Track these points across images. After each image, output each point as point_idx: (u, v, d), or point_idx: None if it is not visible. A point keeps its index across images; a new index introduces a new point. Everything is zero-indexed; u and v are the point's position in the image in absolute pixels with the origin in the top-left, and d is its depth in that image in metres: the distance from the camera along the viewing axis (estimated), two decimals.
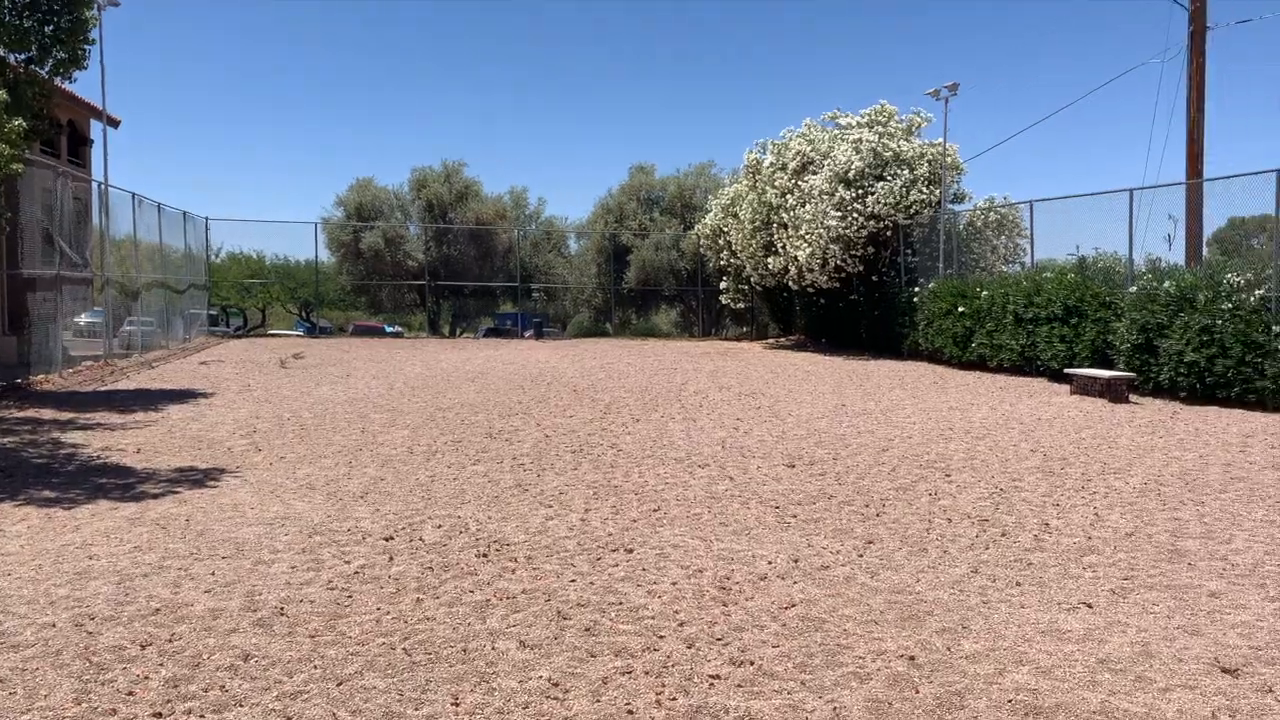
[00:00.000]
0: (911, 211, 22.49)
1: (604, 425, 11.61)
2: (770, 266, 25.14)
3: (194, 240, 27.54)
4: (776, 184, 24.83)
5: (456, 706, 3.85)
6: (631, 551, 6.14)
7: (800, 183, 23.98)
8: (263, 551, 6.05)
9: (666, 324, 38.35)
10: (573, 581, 5.49)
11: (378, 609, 4.98)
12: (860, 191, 22.47)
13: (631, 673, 4.20)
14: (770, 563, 5.93)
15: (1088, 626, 4.83)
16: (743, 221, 25.98)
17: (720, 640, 4.59)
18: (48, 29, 13.76)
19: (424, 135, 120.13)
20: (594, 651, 4.44)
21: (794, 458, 9.55)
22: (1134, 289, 15.54)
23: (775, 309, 30.26)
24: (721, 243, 28.21)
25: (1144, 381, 14.88)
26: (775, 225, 24.88)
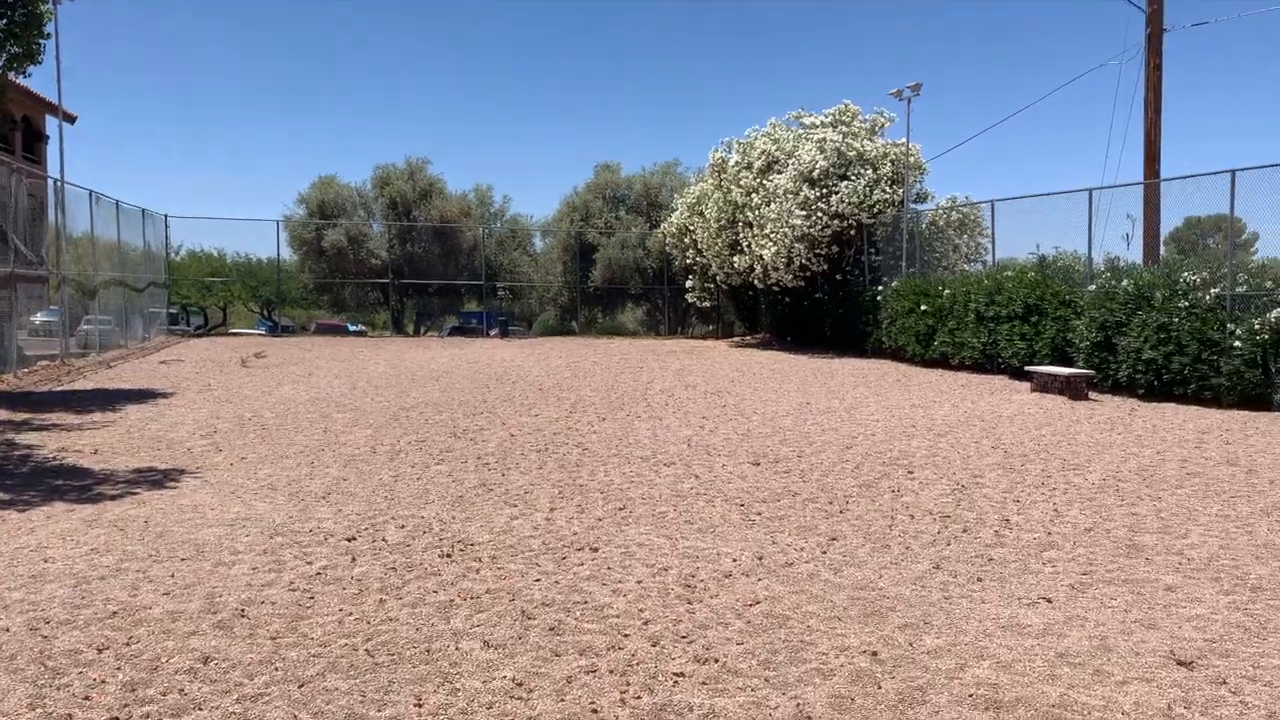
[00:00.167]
0: (875, 211, 22.66)
1: (570, 424, 11.59)
2: (736, 265, 25.23)
3: (153, 238, 27.14)
4: (742, 183, 24.92)
5: (419, 707, 3.83)
6: (597, 550, 6.14)
7: (765, 182, 24.09)
8: (223, 553, 5.97)
9: (633, 322, 38.39)
10: (537, 581, 5.48)
11: (340, 610, 4.94)
12: (824, 191, 22.60)
13: (596, 672, 4.20)
14: (735, 560, 5.95)
15: (1047, 621, 4.90)
16: (708, 220, 26.05)
17: (685, 638, 4.60)
18: (1, 23, 13.50)
19: (387, 132, 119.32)
20: (558, 651, 4.43)
21: (759, 456, 9.59)
22: (1093, 287, 15.77)
23: (741, 307, 30.37)
24: (687, 241, 28.25)
25: (1103, 379, 15.10)
26: (741, 224, 24.97)
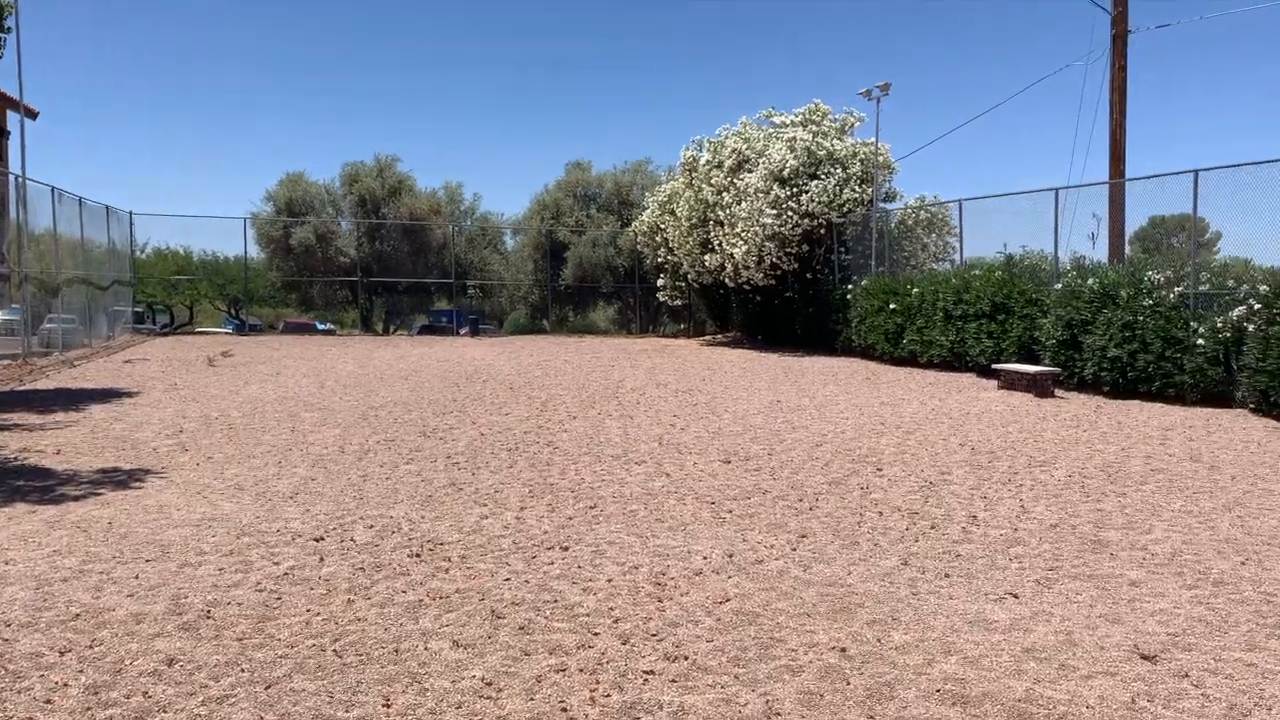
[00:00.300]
0: (845, 210, 22.78)
1: (540, 423, 11.56)
2: (707, 264, 25.27)
3: (118, 235, 26.80)
4: (713, 182, 24.97)
5: (388, 707, 3.81)
6: (567, 549, 6.12)
7: (736, 181, 24.15)
8: (189, 554, 5.91)
9: (604, 321, 38.38)
10: (507, 580, 5.46)
11: (308, 610, 4.90)
12: (795, 190, 22.69)
13: (566, 670, 4.19)
14: (705, 558, 5.96)
15: (1014, 616, 4.94)
16: (680, 219, 26.07)
17: (655, 636, 4.60)
18: None
19: (356, 129, 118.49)
20: (528, 650, 4.42)
21: (729, 454, 9.61)
22: (1059, 286, 15.94)
23: (712, 306, 30.43)
24: (659, 240, 28.27)
25: (1069, 376, 15.27)
26: (712, 223, 25.02)
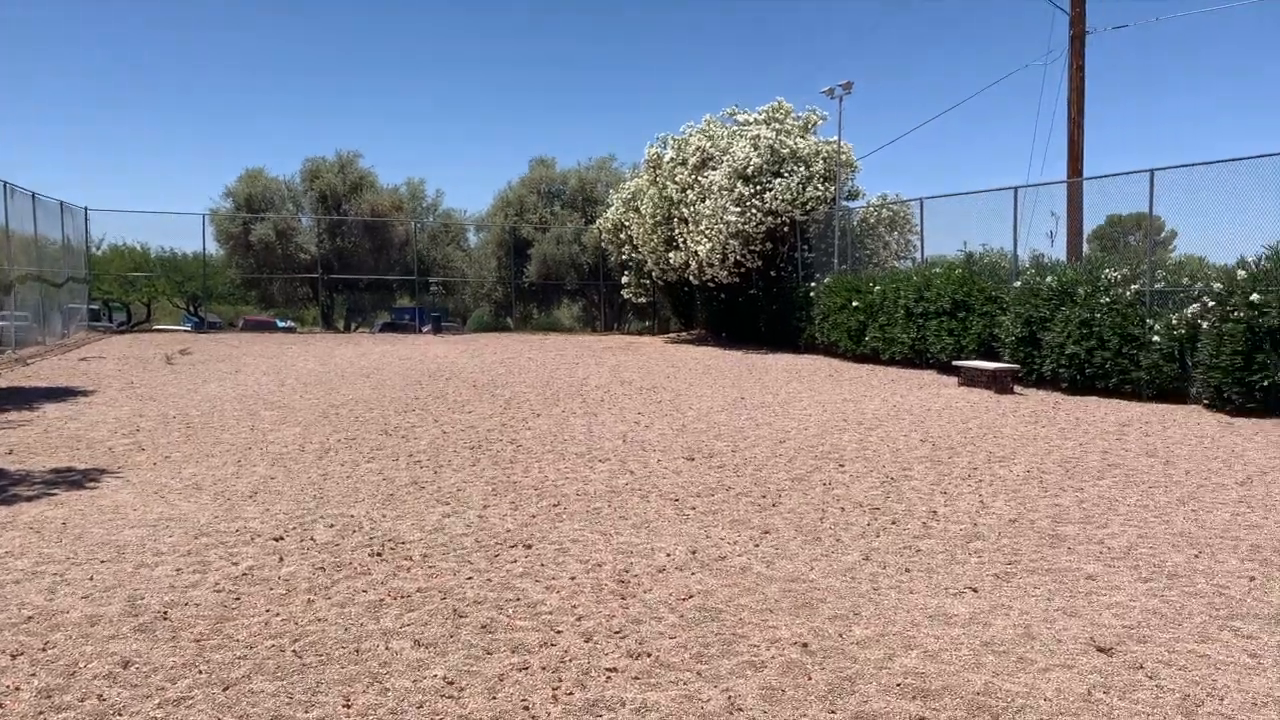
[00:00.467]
0: (808, 208, 22.89)
1: (504, 421, 11.52)
2: (672, 261, 25.30)
3: (73, 232, 26.31)
4: (677, 179, 24.99)
5: (348, 708, 3.77)
6: (530, 547, 6.11)
7: (700, 178, 24.19)
8: (145, 554, 5.82)
9: (569, 318, 38.31)
10: (469, 579, 5.43)
11: (267, 611, 4.84)
12: (759, 188, 22.77)
13: (528, 669, 4.18)
14: (669, 555, 5.97)
15: (973, 610, 5.00)
16: (644, 216, 26.07)
17: (618, 633, 4.60)
18: None
19: (317, 125, 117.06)
20: (490, 649, 4.40)
21: (693, 451, 9.63)
22: (1018, 284, 16.12)
23: (677, 303, 30.46)
24: (623, 237, 28.25)
25: (1028, 373, 15.46)
26: (676, 220, 25.04)
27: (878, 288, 19.53)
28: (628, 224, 27.61)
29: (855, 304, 20.07)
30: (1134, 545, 6.28)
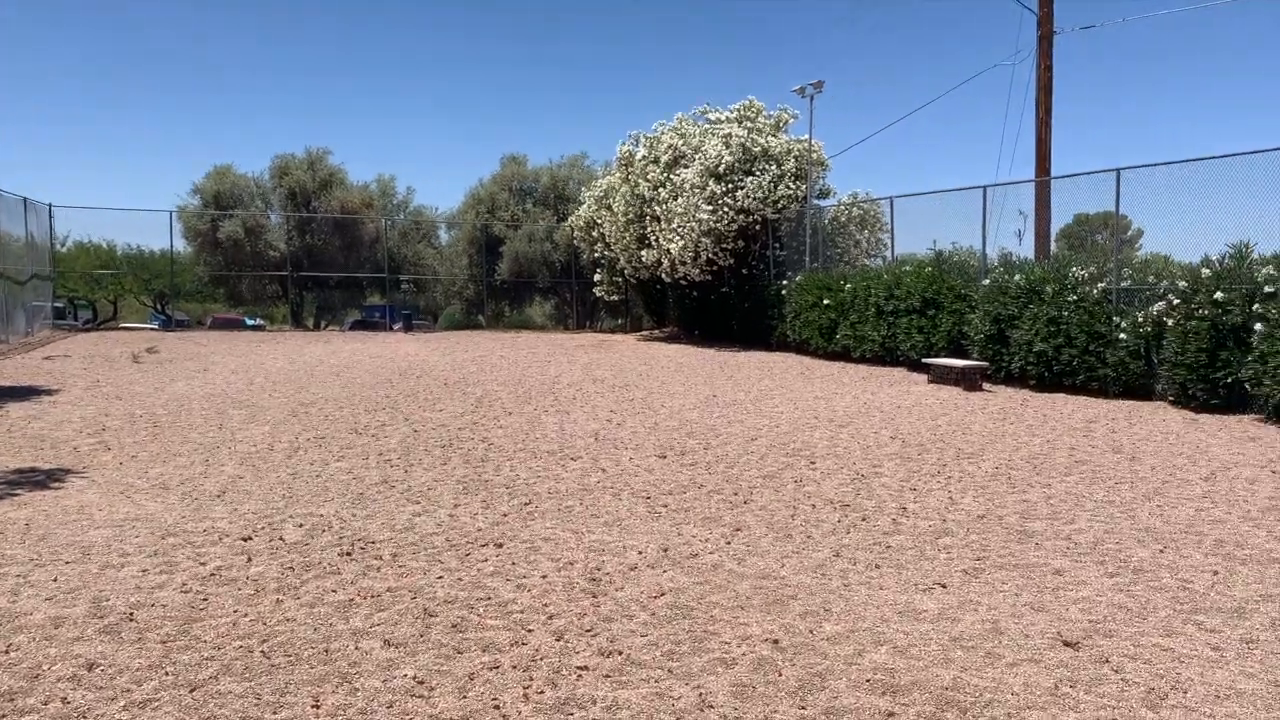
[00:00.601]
0: (779, 206, 22.97)
1: (475, 419, 11.48)
2: (644, 259, 25.31)
3: (36, 228, 25.90)
4: (649, 177, 25.00)
5: (317, 708, 3.75)
6: (501, 546, 6.09)
7: (672, 176, 24.21)
8: (111, 555, 5.75)
9: (541, 316, 38.18)
10: (440, 578, 5.41)
11: (235, 611, 4.80)
12: (730, 186, 22.82)
13: (499, 668, 4.17)
14: (640, 553, 5.97)
15: (942, 606, 5.04)
16: (616, 214, 26.06)
17: (589, 631, 4.60)
18: None
19: (286, 121, 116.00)
20: (461, 648, 4.38)
21: (665, 448, 9.64)
22: (987, 282, 16.26)
23: (649, 301, 30.47)
24: (595, 235, 28.22)
25: (996, 370, 15.60)
26: (648, 218, 25.05)
27: (849, 286, 19.63)
28: (600, 222, 27.58)
29: (826, 302, 20.17)
30: (1100, 540, 6.36)
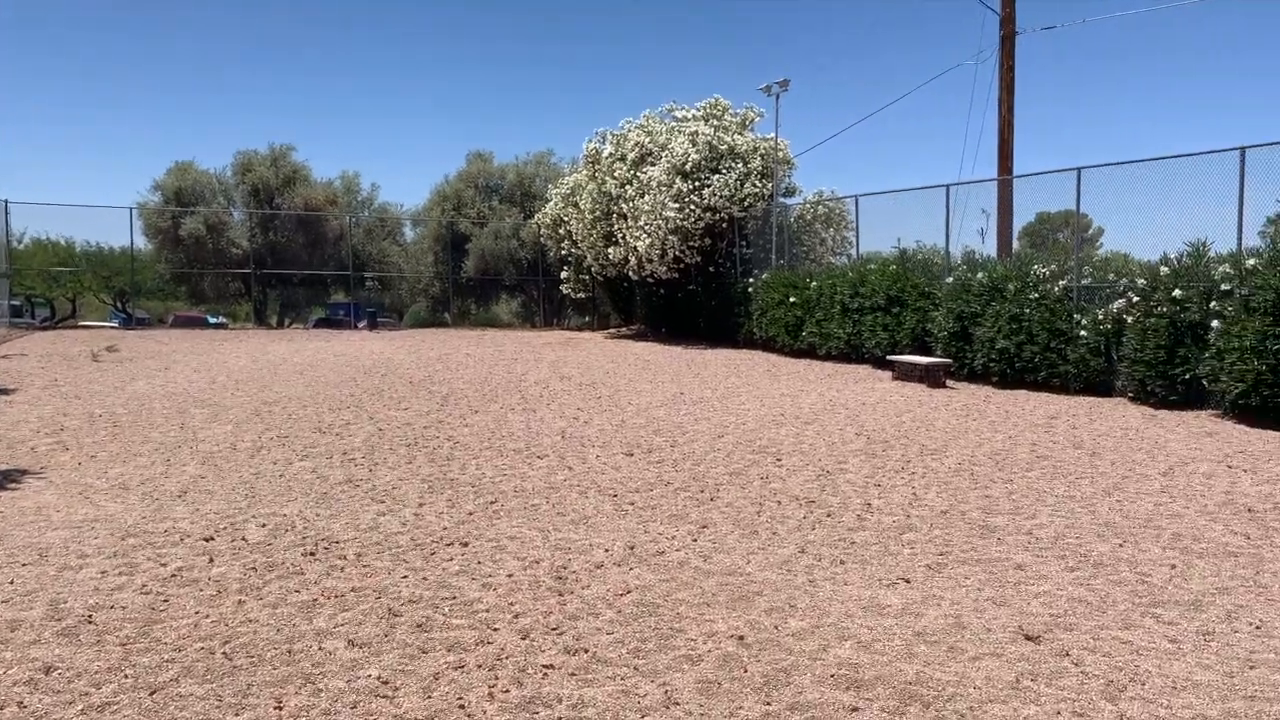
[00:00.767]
0: (746, 204, 23.04)
1: (441, 417, 11.42)
2: (611, 257, 25.29)
3: None
4: (616, 174, 24.98)
5: (280, 710, 3.71)
6: (467, 545, 6.06)
7: (639, 174, 24.21)
8: (69, 556, 5.67)
9: (507, 314, 38.05)
10: (405, 578, 5.38)
11: (196, 612, 4.75)
12: (697, 184, 22.86)
13: (464, 667, 4.15)
14: (607, 550, 5.97)
15: (905, 601, 5.08)
16: (583, 211, 26.02)
17: (555, 630, 4.59)
18: None
19: (249, 117, 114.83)
20: (426, 647, 4.36)
21: (632, 446, 9.64)
22: (950, 280, 16.41)
23: (616, 299, 30.46)
24: (562, 232, 28.15)
25: (960, 367, 15.74)
26: (615, 216, 25.04)
27: (814, 284, 19.73)
28: (567, 219, 27.52)
29: (792, 299, 20.26)
30: (1061, 535, 6.44)
